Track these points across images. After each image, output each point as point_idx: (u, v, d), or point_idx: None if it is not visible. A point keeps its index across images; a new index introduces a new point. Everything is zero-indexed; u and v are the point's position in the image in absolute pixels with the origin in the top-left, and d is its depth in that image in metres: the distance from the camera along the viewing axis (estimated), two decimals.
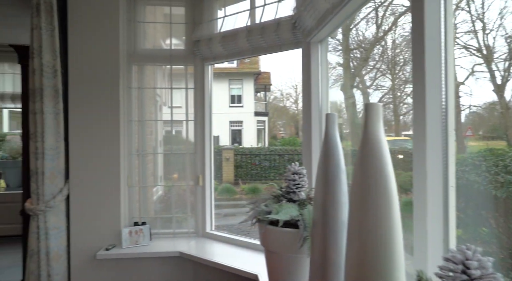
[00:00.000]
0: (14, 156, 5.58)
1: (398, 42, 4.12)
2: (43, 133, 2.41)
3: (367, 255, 0.77)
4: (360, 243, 0.78)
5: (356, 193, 0.80)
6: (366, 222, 0.77)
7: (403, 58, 4.07)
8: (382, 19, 4.19)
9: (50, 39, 2.42)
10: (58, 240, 2.48)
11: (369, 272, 0.76)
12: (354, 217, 0.81)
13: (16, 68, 5.03)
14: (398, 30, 4.12)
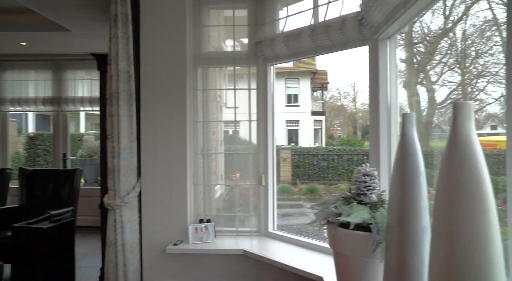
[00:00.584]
0: (90, 155, 6.10)
1: (469, 33, 3.81)
2: (119, 133, 2.60)
3: (457, 262, 0.72)
4: (449, 250, 0.73)
5: (444, 197, 0.75)
6: (457, 228, 0.72)
7: (475, 50, 3.76)
8: (451, 8, 3.91)
9: (126, 47, 2.61)
10: (132, 233, 2.66)
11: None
12: (441, 222, 0.76)
13: (92, 74, 5.50)
14: (469, 19, 3.81)
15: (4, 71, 5.63)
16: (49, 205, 4.02)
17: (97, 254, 4.20)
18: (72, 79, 5.55)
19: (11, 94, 5.60)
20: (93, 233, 5.11)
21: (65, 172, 4.21)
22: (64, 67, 5.55)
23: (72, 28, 4.06)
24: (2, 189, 4.21)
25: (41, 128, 12.48)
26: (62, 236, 2.97)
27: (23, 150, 9.00)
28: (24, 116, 12.21)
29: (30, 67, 5.61)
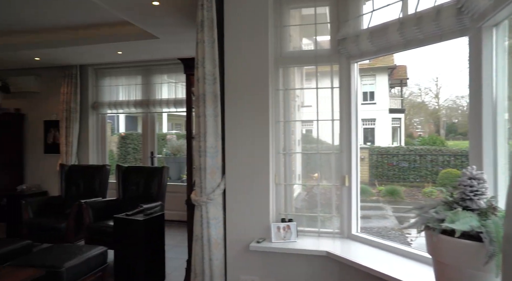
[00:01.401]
0: (174, 153, 6.53)
1: None
2: (205, 133, 2.73)
3: None
4: None
5: None
6: None
7: None
8: None
9: (211, 50, 2.73)
10: (217, 229, 2.78)
11: None
12: None
13: (176, 78, 5.89)
14: None
15: (103, 78, 6.30)
16: (141, 199, 4.40)
17: (182, 246, 4.48)
18: (159, 83, 6.00)
19: (108, 98, 6.25)
20: (177, 227, 5.47)
21: (154, 169, 4.57)
22: (151, 72, 6.02)
23: (161, 36, 4.39)
24: (103, 183, 4.71)
25: (130, 128, 13.70)
26: (154, 228, 3.23)
27: (116, 148, 9.97)
28: (116, 118, 13.52)
29: (123, 73, 6.20)
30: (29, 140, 6.52)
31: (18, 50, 5.17)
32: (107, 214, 4.16)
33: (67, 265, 2.85)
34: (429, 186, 9.01)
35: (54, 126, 6.30)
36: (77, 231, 4.12)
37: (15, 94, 6.44)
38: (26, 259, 2.94)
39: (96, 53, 5.34)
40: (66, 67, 6.04)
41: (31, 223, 4.17)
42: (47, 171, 6.35)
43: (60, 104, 6.06)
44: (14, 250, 3.28)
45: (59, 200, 4.70)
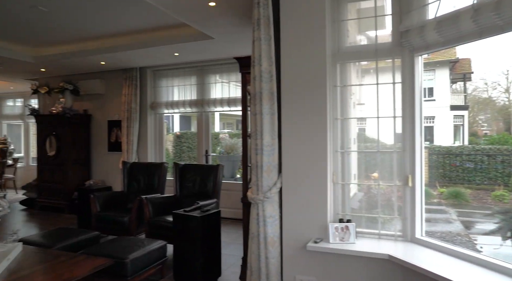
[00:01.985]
0: (228, 152, 6.65)
1: None
2: (261, 131, 2.73)
3: None
4: None
5: None
6: None
7: None
8: None
9: (268, 48, 2.72)
10: (273, 227, 2.77)
11: None
12: None
13: (229, 77, 5.98)
14: None
15: (160, 79, 6.59)
16: (197, 196, 4.53)
17: (236, 244, 4.54)
18: (213, 83, 6.14)
19: (165, 99, 6.52)
20: (231, 224, 5.56)
21: (210, 167, 4.67)
22: (206, 72, 6.18)
23: (216, 36, 4.47)
24: (161, 180, 4.92)
25: (184, 128, 14.21)
26: (211, 224, 3.30)
27: (171, 147, 10.38)
28: (171, 118, 14.10)
29: (179, 74, 6.42)
30: (95, 139, 7.01)
31: (87, 56, 5.57)
32: (165, 210, 4.33)
33: (131, 257, 3.01)
34: (500, 189, 8.23)
35: (116, 125, 6.71)
36: (138, 225, 4.34)
37: (83, 97, 6.96)
38: (95, 249, 3.15)
39: (155, 56, 5.58)
40: (127, 69, 6.40)
41: (98, 215, 4.47)
42: (110, 168, 6.79)
43: (122, 105, 6.43)
44: (84, 240, 3.53)
45: (122, 195, 4.98)
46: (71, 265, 2.32)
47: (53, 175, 6.68)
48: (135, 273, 3.04)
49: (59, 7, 4.05)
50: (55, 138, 6.64)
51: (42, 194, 6.79)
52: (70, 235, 3.55)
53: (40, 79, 7.38)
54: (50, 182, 6.70)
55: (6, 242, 2.55)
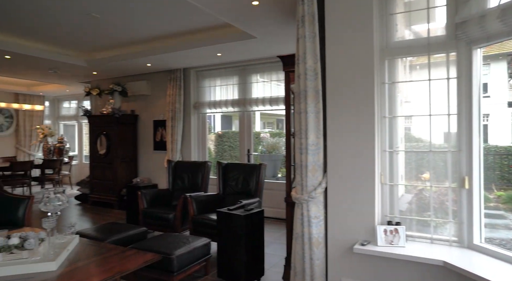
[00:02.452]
0: (269, 151, 6.64)
1: None
2: (306, 130, 2.69)
3: None
4: None
5: None
6: None
7: None
8: None
9: (312, 45, 2.67)
10: (318, 228, 2.71)
11: None
12: None
13: (271, 76, 5.96)
14: None
15: (203, 79, 6.72)
16: (239, 195, 4.56)
17: (279, 243, 4.52)
18: (254, 82, 6.16)
19: (207, 98, 6.64)
20: (273, 223, 5.55)
21: (252, 166, 4.69)
22: (247, 72, 6.21)
23: (259, 35, 4.48)
24: (205, 178, 5.01)
25: (225, 127, 14.41)
26: (254, 223, 3.30)
27: (213, 146, 10.58)
28: (212, 117, 14.36)
29: (221, 74, 6.51)
30: (141, 138, 7.30)
31: (134, 59, 5.81)
32: (209, 208, 4.41)
33: (177, 253, 3.09)
34: None
35: (161, 125, 6.94)
36: (183, 222, 4.45)
37: (131, 98, 7.27)
38: (144, 244, 3.27)
39: (198, 56, 5.70)
40: (172, 71, 6.59)
41: (145, 212, 4.64)
42: (156, 166, 7.03)
43: (166, 105, 6.64)
44: (133, 235, 3.68)
45: (167, 192, 5.14)
46: (122, 258, 2.42)
47: (103, 172, 7.04)
48: (180, 269, 3.11)
49: (110, 13, 4.25)
50: (105, 137, 6.99)
51: (94, 190, 7.19)
52: (120, 229, 3.71)
53: (92, 81, 7.81)
54: (101, 179, 7.08)
55: (65, 234, 2.71)
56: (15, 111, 9.69)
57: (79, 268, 2.25)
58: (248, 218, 3.22)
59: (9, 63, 6.14)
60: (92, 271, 2.24)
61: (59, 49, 5.85)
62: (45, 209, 2.41)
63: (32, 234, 2.44)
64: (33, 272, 2.16)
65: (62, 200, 2.49)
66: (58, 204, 2.46)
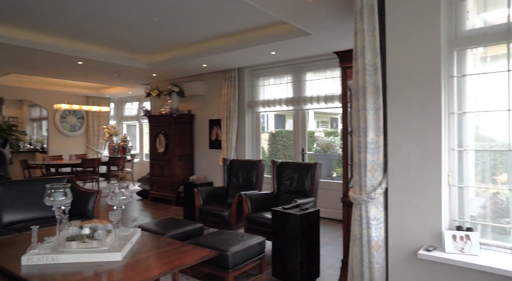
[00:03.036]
0: (324, 150, 6.50)
1: None
2: (365, 128, 2.57)
3: None
4: None
5: None
6: None
7: None
8: None
9: (371, 39, 2.55)
10: (377, 230, 2.58)
11: None
12: None
13: (326, 73, 5.82)
14: None
15: (257, 78, 6.76)
16: (294, 194, 4.51)
17: (334, 245, 4.40)
18: (309, 80, 6.05)
19: (261, 97, 6.66)
20: (328, 224, 5.42)
21: (308, 165, 4.61)
22: (301, 70, 6.13)
23: (313, 32, 4.39)
24: (259, 177, 5.03)
25: (279, 126, 14.39)
26: (310, 223, 3.23)
27: (266, 145, 10.61)
28: (266, 116, 14.42)
29: (275, 73, 6.50)
30: (198, 137, 7.53)
31: (190, 60, 6.00)
32: (263, 206, 4.41)
33: (233, 250, 3.12)
34: None
35: (216, 124, 7.10)
36: (237, 220, 4.50)
37: (187, 98, 7.53)
38: (201, 239, 3.36)
39: (252, 55, 5.74)
40: (227, 71, 6.72)
41: (201, 209, 4.77)
42: (211, 164, 7.22)
43: (221, 105, 6.78)
44: (190, 230, 3.79)
45: (223, 190, 5.24)
46: (181, 253, 2.50)
47: (162, 170, 7.38)
48: (236, 266, 3.14)
49: (169, 17, 4.43)
50: (163, 136, 7.32)
51: (154, 187, 7.56)
52: (178, 225, 3.85)
53: (152, 83, 8.23)
54: (160, 176, 7.42)
55: (129, 227, 2.86)
56: (85, 112, 10.53)
57: (141, 260, 2.35)
58: (304, 218, 3.16)
59: (81, 68, 6.67)
60: (153, 263, 2.34)
61: (123, 53, 6.23)
62: (111, 203, 2.56)
63: (100, 226, 2.61)
64: (101, 260, 2.30)
65: (126, 195, 2.63)
66: (122, 199, 2.60)
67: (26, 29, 4.97)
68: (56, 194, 2.52)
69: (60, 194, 2.55)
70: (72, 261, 2.30)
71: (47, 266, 2.26)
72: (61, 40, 5.39)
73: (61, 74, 7.41)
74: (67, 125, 10.32)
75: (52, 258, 2.31)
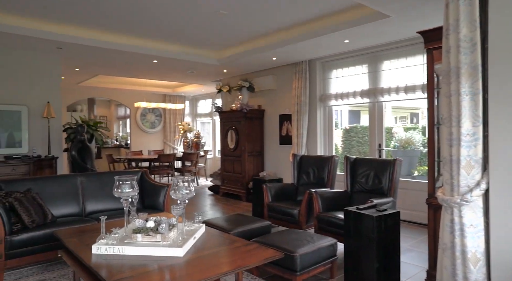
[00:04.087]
0: (403, 146, 5.91)
1: None
2: (458, 117, 2.15)
3: None
4: None
5: None
6: None
7: None
8: None
9: (468, 9, 2.12)
10: (474, 240, 2.15)
11: None
12: None
13: (407, 61, 5.25)
14: None
15: (329, 70, 6.40)
16: (370, 193, 4.12)
17: (417, 251, 3.92)
18: (387, 69, 5.53)
19: (334, 90, 6.29)
20: (408, 228, 4.89)
21: (385, 161, 4.17)
22: (378, 58, 5.62)
23: (392, 13, 3.93)
24: (331, 174, 4.71)
25: (352, 122, 13.69)
26: (388, 226, 2.86)
27: (340, 141, 10.12)
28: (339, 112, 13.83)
29: (349, 64, 6.07)
30: (268, 133, 7.41)
31: (260, 53, 5.87)
32: (335, 205, 4.10)
33: (301, 252, 2.89)
34: None
35: (287, 119, 6.90)
36: (307, 219, 4.25)
37: (258, 93, 7.45)
38: (267, 238, 3.19)
39: (324, 45, 5.42)
40: (297, 63, 6.47)
41: (270, 206, 4.61)
42: (281, 160, 7.04)
43: (292, 99, 6.55)
44: (257, 228, 3.65)
45: (292, 187, 5.02)
46: (244, 252, 2.35)
47: (233, 166, 7.41)
48: (304, 268, 2.91)
49: (236, 8, 4.34)
50: (234, 132, 7.34)
51: (225, 182, 7.64)
52: (245, 222, 3.73)
53: (223, 80, 8.32)
54: (231, 171, 7.46)
55: (194, 222, 2.81)
56: (163, 110, 11.12)
57: (203, 257, 2.26)
58: (381, 220, 2.81)
59: (156, 67, 6.98)
60: (215, 262, 2.22)
61: (194, 50, 6.35)
62: (174, 197, 2.51)
63: (164, 220, 2.58)
64: (164, 255, 2.25)
65: (190, 189, 2.56)
66: (185, 193, 2.53)
67: (108, 32, 5.30)
68: (124, 186, 2.55)
69: (127, 186, 2.57)
70: (136, 254, 2.29)
71: (114, 257, 2.27)
72: (138, 40, 5.67)
73: (139, 73, 7.86)
74: (147, 122, 11.00)
75: (118, 249, 2.32)
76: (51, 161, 5.52)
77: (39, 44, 5.23)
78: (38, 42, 5.14)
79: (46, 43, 5.17)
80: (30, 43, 5.22)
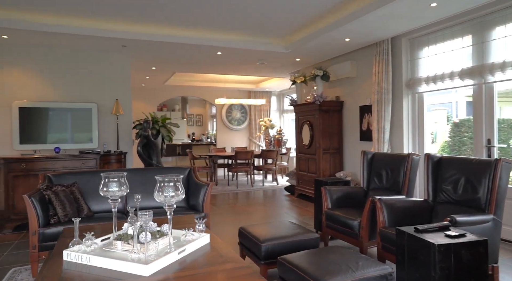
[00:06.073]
0: None
1: None
2: None
3: None
4: None
5: None
6: None
7: None
8: None
9: None
10: None
11: None
12: None
13: None
14: None
15: (419, 49, 5.15)
16: (459, 205, 3.01)
17: None
18: (499, 38, 4.11)
19: (426, 73, 5.03)
20: None
21: (482, 162, 2.97)
22: (486, 25, 4.23)
23: None
24: (408, 178, 3.66)
25: (469, 113, 11.45)
26: (463, 260, 1.87)
27: (448, 138, 8.46)
28: (454, 104, 11.72)
29: (444, 38, 4.76)
30: (347, 127, 6.46)
31: (328, 32, 5.00)
32: (409, 219, 3.11)
33: None
34: None
35: (368, 111, 5.86)
36: (371, 233, 3.33)
37: (335, 82, 6.56)
38: (291, 257, 2.46)
39: (405, 15, 4.30)
40: (377, 44, 5.40)
41: (328, 213, 3.80)
42: None
43: (372, 86, 5.51)
44: (297, 242, 2.93)
45: (360, 191, 4.11)
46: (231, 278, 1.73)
47: (307, 164, 6.67)
48: None
49: None
50: (308, 127, 6.59)
51: (299, 182, 6.94)
52: (285, 231, 3.06)
53: (300, 70, 7.61)
54: (305, 170, 6.74)
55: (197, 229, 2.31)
56: (248, 107, 10.93)
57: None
58: (449, 251, 1.84)
59: (221, 60, 6.68)
60: None
61: (258, 38, 5.83)
62: (157, 199, 2.03)
63: (150, 226, 2.14)
64: (126, 271, 1.80)
65: (178, 192, 2.04)
66: (171, 195, 2.03)
67: (167, 25, 5.17)
68: (111, 184, 2.19)
69: (115, 184, 2.20)
70: (101, 266, 1.89)
71: (81, 267, 1.93)
72: (198, 32, 5.42)
73: (208, 68, 7.63)
74: (233, 119, 10.95)
75: (86, 258, 1.95)
76: (119, 156, 5.67)
77: (104, 43, 5.39)
78: (103, 41, 5.30)
79: (111, 41, 5.29)
80: (95, 43, 5.42)
